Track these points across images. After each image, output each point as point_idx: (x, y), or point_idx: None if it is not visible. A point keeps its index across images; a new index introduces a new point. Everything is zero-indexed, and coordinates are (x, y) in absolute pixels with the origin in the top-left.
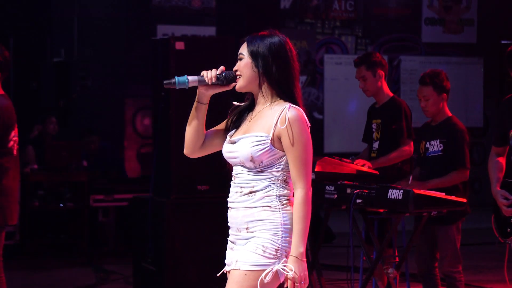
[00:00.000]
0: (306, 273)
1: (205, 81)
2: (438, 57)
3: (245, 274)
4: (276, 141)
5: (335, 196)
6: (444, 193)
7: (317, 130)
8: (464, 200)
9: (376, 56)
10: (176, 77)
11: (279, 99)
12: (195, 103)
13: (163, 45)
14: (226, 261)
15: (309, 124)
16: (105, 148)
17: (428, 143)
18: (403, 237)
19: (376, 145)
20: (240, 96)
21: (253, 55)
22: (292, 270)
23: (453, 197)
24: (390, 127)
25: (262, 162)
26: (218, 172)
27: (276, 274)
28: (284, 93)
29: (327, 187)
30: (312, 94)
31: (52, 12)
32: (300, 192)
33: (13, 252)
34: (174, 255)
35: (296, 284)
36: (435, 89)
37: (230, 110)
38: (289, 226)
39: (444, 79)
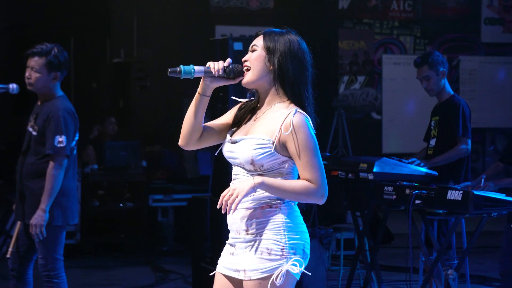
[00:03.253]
0: (243, 193)
1: (211, 72)
2: (497, 57)
3: (260, 283)
4: (279, 147)
5: (394, 197)
6: (504, 194)
7: (375, 131)
8: None
9: (437, 55)
10: (182, 66)
11: (287, 101)
12: (197, 95)
13: (221, 46)
14: (222, 264)
15: (314, 130)
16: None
17: None
18: (463, 238)
19: (433, 142)
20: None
21: (269, 49)
22: (301, 266)
23: None
24: (447, 124)
25: (262, 166)
26: None
27: (289, 273)
28: (295, 96)
29: (385, 188)
30: (370, 95)
31: (111, 13)
32: (313, 186)
33: (73, 252)
34: None
35: (228, 191)
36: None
37: (237, 108)
38: (291, 224)
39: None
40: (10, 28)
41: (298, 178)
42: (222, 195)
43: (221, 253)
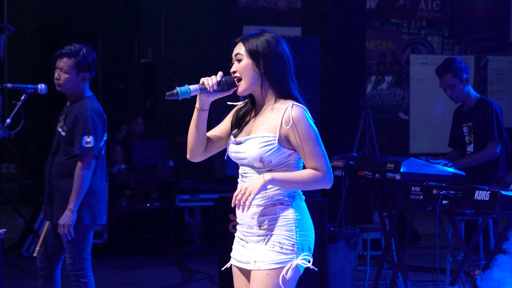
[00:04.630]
0: (255, 191)
1: (206, 89)
2: None
3: (267, 274)
4: (283, 141)
5: (421, 197)
6: None
7: (402, 131)
8: None
9: (459, 62)
10: (178, 88)
11: (280, 97)
12: (195, 110)
13: None
14: (234, 256)
15: (313, 119)
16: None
17: None
18: (491, 239)
19: (470, 148)
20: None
21: (253, 54)
22: (308, 262)
23: None
24: (483, 128)
25: (270, 162)
26: None
27: (297, 268)
28: (285, 91)
29: (412, 188)
30: (398, 95)
31: (139, 13)
32: (320, 173)
33: (101, 251)
34: None
35: (241, 190)
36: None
37: (234, 111)
38: (302, 220)
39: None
40: (39, 29)
41: (304, 168)
42: (234, 194)
43: (232, 246)
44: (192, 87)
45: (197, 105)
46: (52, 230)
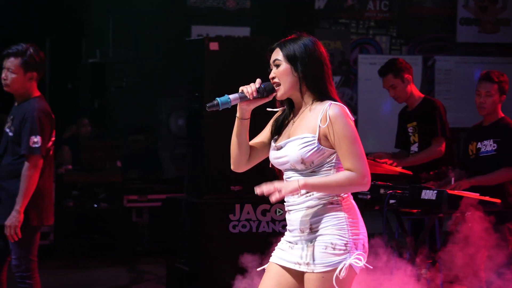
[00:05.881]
0: (286, 192)
1: (246, 97)
2: (473, 57)
3: (322, 277)
4: (323, 140)
5: (369, 196)
6: (478, 194)
7: None
8: (498, 201)
9: (400, 62)
10: (218, 99)
11: (317, 99)
12: (237, 120)
13: (198, 46)
14: (279, 255)
15: (352, 118)
16: (142, 148)
17: (480, 143)
18: (437, 238)
19: (414, 147)
20: (272, 102)
21: (291, 59)
22: (362, 261)
23: (487, 198)
24: (427, 127)
25: (313, 163)
26: (251, 172)
27: (351, 267)
28: (322, 93)
29: None
30: (346, 95)
31: (87, 13)
32: (355, 174)
33: (47, 252)
34: (207, 256)
35: (271, 185)
36: (499, 89)
37: (273, 118)
38: (352, 220)
39: (507, 82)
40: None
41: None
42: (265, 185)
43: (276, 247)
44: (231, 96)
45: (238, 114)
46: None
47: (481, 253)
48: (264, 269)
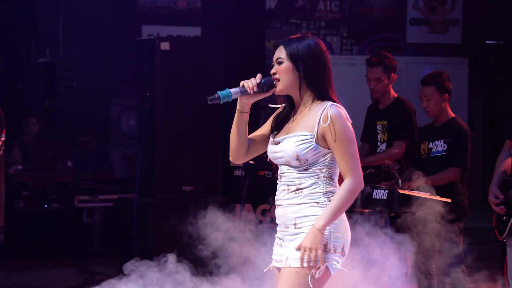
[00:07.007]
0: (320, 246)
1: (247, 91)
2: (423, 57)
3: (296, 272)
4: (320, 139)
5: None
6: (428, 193)
7: None
8: (448, 200)
9: (393, 59)
10: (219, 92)
11: (317, 99)
12: (236, 113)
13: (149, 46)
14: (273, 257)
15: (350, 121)
16: (93, 149)
17: (431, 143)
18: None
19: (383, 146)
20: (274, 98)
21: (293, 58)
22: (339, 263)
23: (437, 197)
24: (396, 128)
25: (307, 160)
26: (203, 173)
27: (327, 268)
28: (322, 94)
29: None
30: None
31: (37, 12)
32: (349, 181)
33: None
34: (159, 256)
35: (305, 252)
36: (437, 89)
37: (274, 114)
38: (336, 222)
39: (446, 79)
40: None
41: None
42: (300, 257)
43: (273, 247)
44: (232, 90)
45: (238, 108)
46: None
47: (432, 252)
48: (268, 270)
